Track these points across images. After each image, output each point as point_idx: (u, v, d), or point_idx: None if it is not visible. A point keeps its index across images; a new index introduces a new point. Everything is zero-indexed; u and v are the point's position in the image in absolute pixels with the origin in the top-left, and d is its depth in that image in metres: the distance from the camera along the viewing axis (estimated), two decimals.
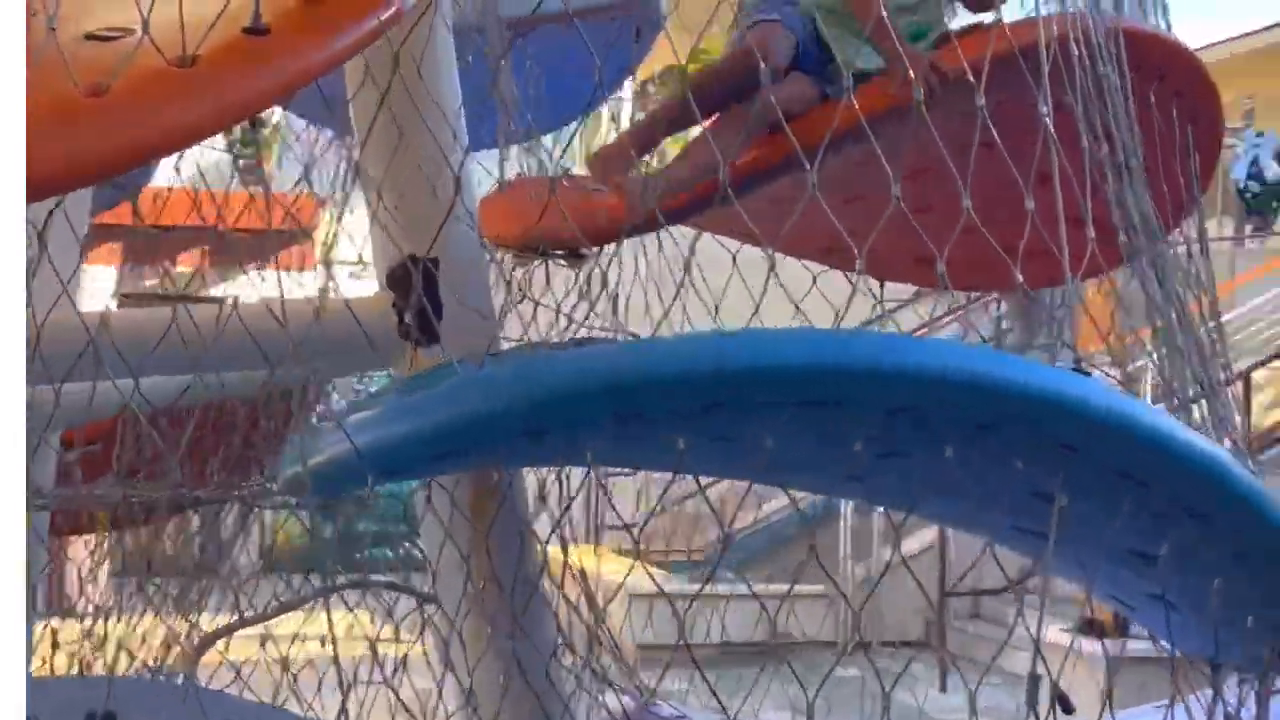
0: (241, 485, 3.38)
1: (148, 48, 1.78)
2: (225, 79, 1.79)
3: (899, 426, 1.89)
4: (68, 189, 1.91)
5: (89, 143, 1.71)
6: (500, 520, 2.83)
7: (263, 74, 1.82)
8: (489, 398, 1.89)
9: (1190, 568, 2.13)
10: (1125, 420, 1.94)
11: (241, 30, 1.84)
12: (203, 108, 1.77)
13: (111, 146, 1.72)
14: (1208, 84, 3.22)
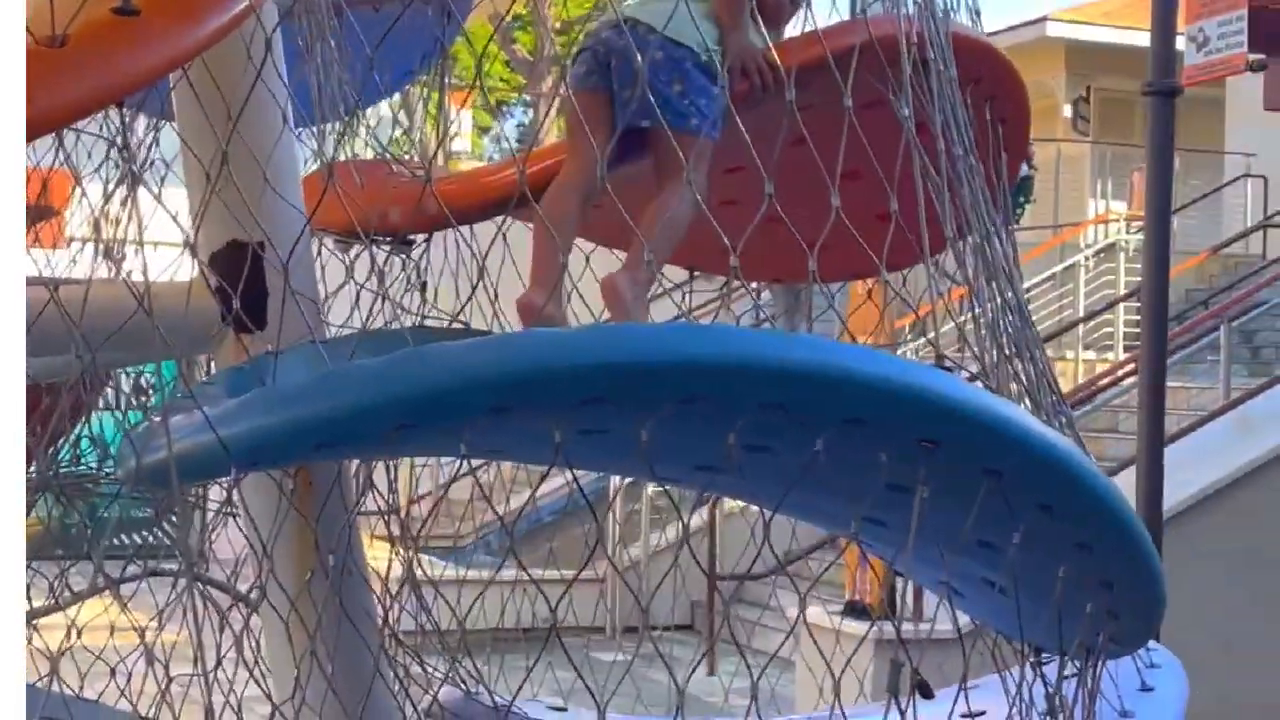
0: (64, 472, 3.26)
1: None
2: (98, 61, 1.74)
3: (770, 421, 1.93)
4: None
5: None
6: (328, 510, 2.80)
7: (135, 56, 1.77)
8: (369, 390, 1.87)
9: (1033, 557, 2.21)
10: (990, 416, 2.01)
11: (111, 10, 1.79)
12: (76, 90, 1.71)
13: None
14: (1019, 87, 3.33)
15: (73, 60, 1.71)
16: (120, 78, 1.75)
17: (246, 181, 2.79)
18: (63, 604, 3.65)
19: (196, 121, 2.81)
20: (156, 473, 2.04)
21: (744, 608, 11.32)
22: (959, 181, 2.67)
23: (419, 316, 3.07)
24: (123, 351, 2.79)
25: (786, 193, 2.51)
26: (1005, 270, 2.90)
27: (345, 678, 2.80)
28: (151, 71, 1.80)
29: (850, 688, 3.22)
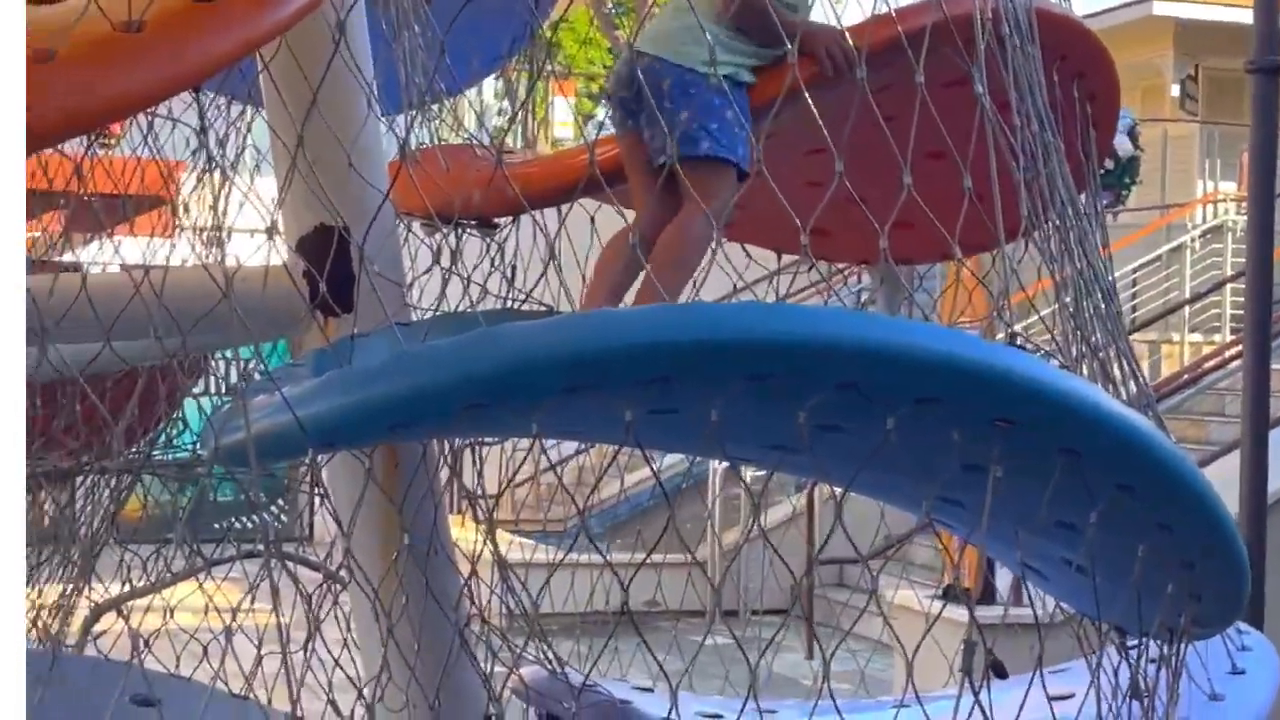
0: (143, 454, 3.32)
1: (94, 11, 1.75)
2: (174, 45, 1.77)
3: (843, 400, 1.92)
4: None
5: (41, 108, 1.67)
6: (414, 489, 2.83)
7: (211, 40, 1.80)
8: (442, 369, 1.89)
9: (1112, 537, 2.19)
10: (1063, 395, 1.99)
11: None
12: (152, 74, 1.74)
13: (61, 113, 1.69)
14: (1108, 65, 3.29)
15: (149, 45, 1.74)
16: (195, 63, 1.78)
17: (331, 166, 2.82)
18: (159, 585, 3.73)
19: (282, 107, 2.84)
20: (235, 453, 2.07)
21: (842, 592, 11.29)
22: (1038, 159, 2.64)
23: (504, 300, 3.10)
24: (216, 335, 2.84)
25: (873, 173, 2.50)
26: (1088, 250, 2.87)
27: (430, 657, 2.84)
28: (226, 56, 1.83)
29: (942, 671, 3.22)
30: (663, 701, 3.10)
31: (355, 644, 3.15)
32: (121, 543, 3.88)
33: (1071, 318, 2.82)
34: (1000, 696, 2.33)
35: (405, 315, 2.98)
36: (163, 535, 3.92)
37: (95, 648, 3.59)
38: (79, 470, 3.42)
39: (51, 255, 4.21)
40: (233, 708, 2.73)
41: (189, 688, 2.94)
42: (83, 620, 3.78)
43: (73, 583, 3.67)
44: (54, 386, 3.52)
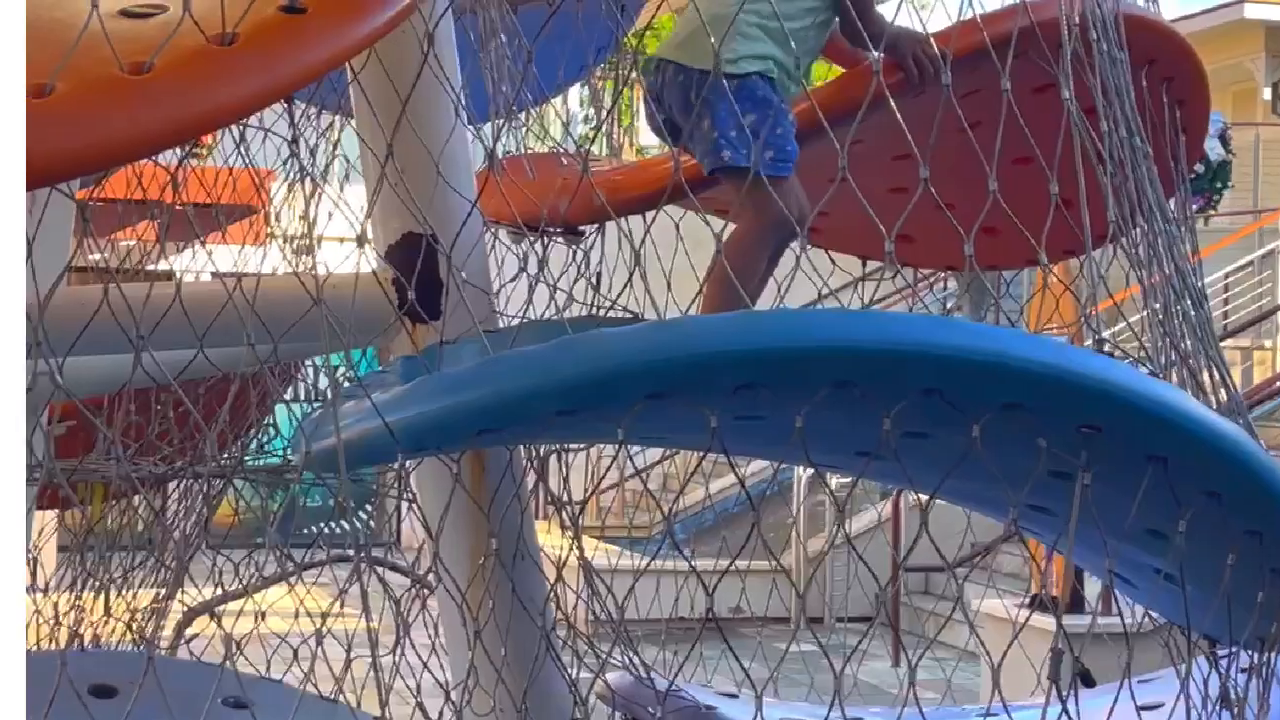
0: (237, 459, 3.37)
1: (188, 25, 1.78)
2: (267, 57, 1.79)
3: (928, 406, 1.92)
4: (110, 166, 1.90)
5: (136, 122, 1.71)
6: (501, 494, 2.86)
7: (303, 53, 1.82)
8: (530, 375, 1.91)
9: (1202, 545, 2.17)
10: (1150, 401, 1.98)
11: (278, 8, 1.85)
12: (245, 86, 1.77)
13: (158, 125, 1.72)
14: (1197, 69, 3.27)
15: (240, 58, 1.76)
16: (287, 74, 1.80)
17: (420, 175, 2.86)
18: (250, 589, 3.78)
19: (371, 117, 2.88)
20: (326, 458, 2.10)
21: (928, 600, 11.24)
22: (1126, 164, 2.63)
23: (590, 307, 3.12)
24: (306, 342, 2.88)
25: (957, 179, 2.50)
26: (1178, 255, 2.84)
27: (517, 662, 2.86)
28: (317, 67, 1.85)
29: (1030, 680, 3.20)
30: (747, 708, 3.10)
31: (443, 649, 3.18)
32: (213, 547, 3.93)
33: (1160, 324, 2.80)
34: (1088, 706, 2.32)
35: (492, 322, 3.01)
36: (254, 540, 3.97)
37: (188, 650, 3.64)
38: (173, 475, 3.47)
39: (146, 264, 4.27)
40: (323, 711, 2.76)
41: (280, 691, 2.97)
42: (176, 623, 3.84)
43: (166, 586, 3.72)
44: (148, 393, 3.58)
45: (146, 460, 3.43)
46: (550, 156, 3.53)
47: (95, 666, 2.89)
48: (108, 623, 3.68)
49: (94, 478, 3.35)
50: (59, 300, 2.51)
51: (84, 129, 1.68)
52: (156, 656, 3.22)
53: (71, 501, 3.71)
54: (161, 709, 2.17)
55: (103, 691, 2.71)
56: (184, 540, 3.93)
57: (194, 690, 2.50)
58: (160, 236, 3.51)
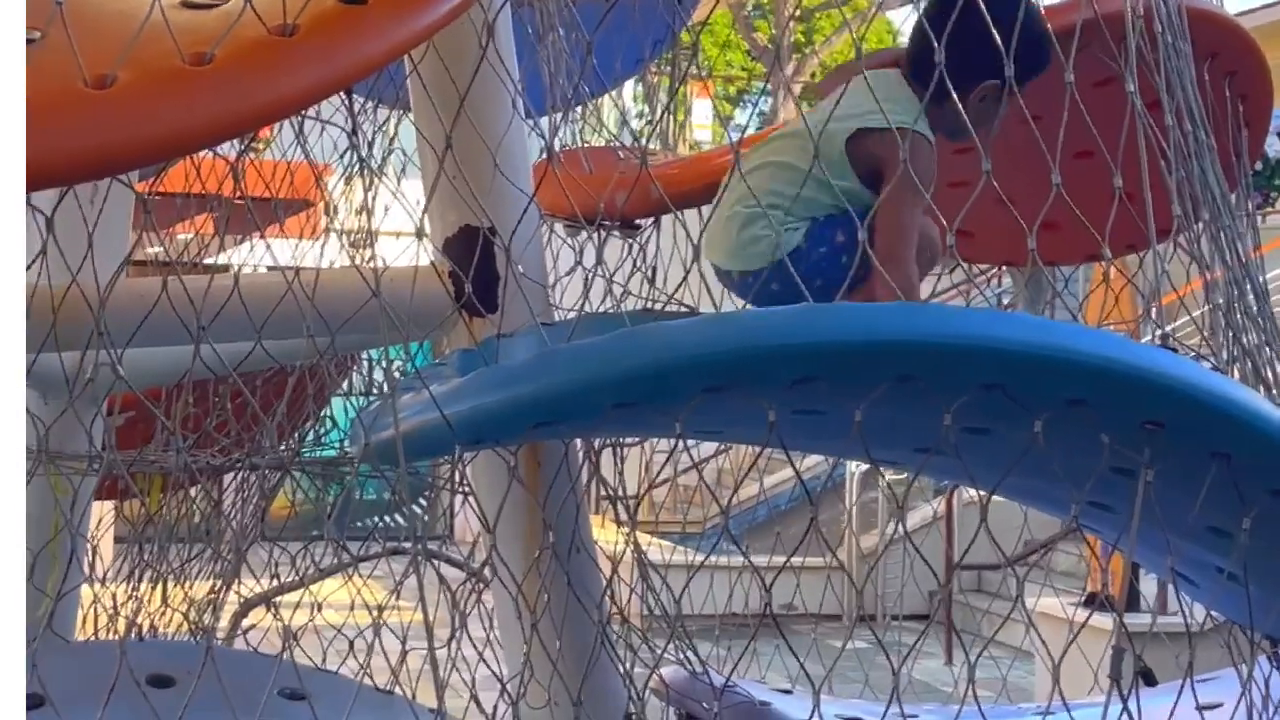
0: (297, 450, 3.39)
1: (248, 16, 1.78)
2: (326, 48, 1.79)
3: (989, 402, 1.91)
4: (170, 157, 1.91)
5: (197, 113, 1.71)
6: (556, 487, 2.86)
7: (364, 43, 1.82)
8: (588, 368, 1.90)
9: (1266, 543, 2.14)
10: (1215, 397, 1.96)
11: (339, 0, 1.85)
12: (308, 78, 1.77)
13: (218, 116, 1.72)
14: (1261, 63, 3.23)
15: (301, 49, 1.77)
16: (346, 66, 1.80)
17: (477, 168, 2.86)
18: (306, 581, 3.79)
19: (429, 110, 2.88)
20: (384, 450, 2.11)
21: (982, 598, 11.18)
22: (1189, 159, 2.60)
23: (646, 300, 3.11)
24: (363, 335, 2.88)
25: (1018, 173, 2.48)
26: (1241, 250, 2.81)
27: (572, 655, 2.86)
28: (377, 59, 1.85)
29: (1086, 679, 3.17)
30: (802, 704, 3.09)
31: (498, 642, 3.18)
32: (270, 539, 3.95)
33: (1224, 319, 2.77)
34: (1147, 705, 2.29)
35: (549, 316, 3.01)
36: (310, 532, 3.99)
37: (245, 641, 3.66)
38: (230, 467, 3.49)
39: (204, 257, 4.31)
40: (379, 703, 2.76)
41: (336, 682, 2.98)
42: (233, 614, 3.86)
43: (223, 577, 3.74)
44: (207, 385, 3.60)
45: (204, 452, 3.45)
46: (607, 150, 3.53)
47: (153, 656, 2.91)
48: (165, 613, 3.70)
49: (153, 469, 3.37)
50: (119, 292, 2.53)
51: (145, 120, 1.68)
52: (214, 647, 3.25)
53: (131, 492, 3.73)
54: (219, 699, 2.18)
55: (161, 681, 2.73)
56: (241, 532, 3.96)
57: (251, 681, 2.51)
58: (220, 229, 3.53)
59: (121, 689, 2.17)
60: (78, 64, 1.69)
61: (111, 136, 1.66)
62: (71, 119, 1.66)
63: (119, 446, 3.64)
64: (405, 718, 2.71)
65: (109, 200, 2.90)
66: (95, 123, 1.68)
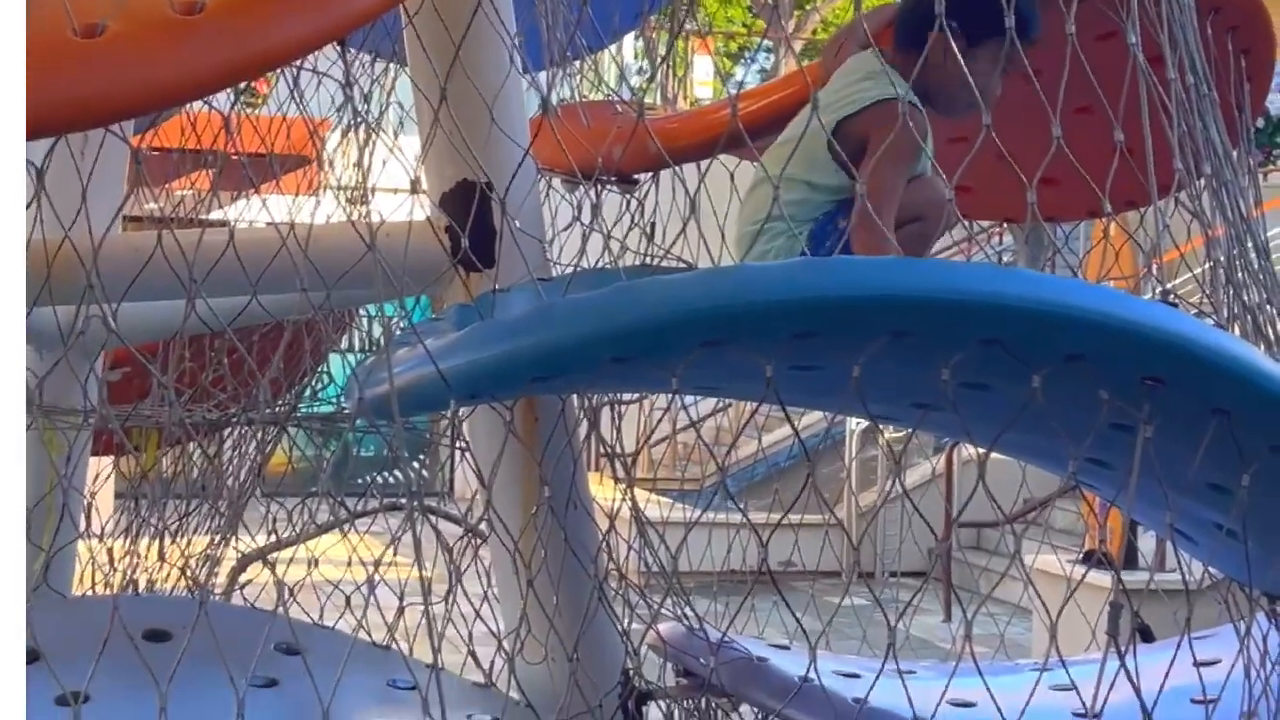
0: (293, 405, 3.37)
1: None
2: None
3: (988, 357, 1.90)
4: (161, 108, 1.89)
5: (188, 63, 1.68)
6: (553, 443, 2.85)
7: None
8: (584, 323, 1.89)
9: (1265, 500, 2.14)
10: (1214, 353, 1.94)
11: None
12: (301, 26, 1.74)
13: (210, 66, 1.69)
14: (1263, 17, 3.21)
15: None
16: (339, 16, 1.78)
17: (474, 122, 2.84)
18: (303, 537, 3.79)
19: (425, 63, 2.86)
20: (379, 405, 2.09)
21: (980, 555, 11.20)
22: (1191, 114, 2.58)
23: (644, 256, 3.10)
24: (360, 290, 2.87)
25: (1018, 129, 2.46)
26: (1242, 206, 2.80)
27: (569, 611, 2.86)
28: (370, 9, 1.83)
29: (1084, 636, 3.18)
30: (799, 659, 3.09)
31: (495, 598, 3.18)
32: (268, 495, 3.95)
33: (1225, 275, 2.76)
34: (1144, 660, 2.29)
35: (546, 271, 2.99)
36: (307, 489, 3.98)
37: (242, 597, 3.66)
38: (226, 422, 3.48)
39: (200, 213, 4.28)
40: (375, 658, 2.76)
41: (332, 637, 2.98)
42: (230, 570, 3.86)
43: (220, 533, 3.74)
44: (203, 340, 3.59)
45: (200, 407, 3.44)
46: (605, 104, 3.51)
47: (150, 611, 2.91)
48: (162, 569, 3.70)
49: (148, 423, 3.36)
50: (114, 246, 2.52)
51: (136, 70, 1.66)
52: (210, 602, 3.24)
53: (125, 447, 3.72)
54: (214, 653, 2.18)
55: (157, 636, 2.72)
56: (238, 487, 3.95)
57: (247, 636, 2.50)
58: (214, 184, 3.51)
59: (118, 644, 2.16)
60: (67, 13, 1.67)
61: (102, 86, 1.65)
62: (61, 69, 1.64)
63: (117, 402, 3.63)
64: (401, 672, 2.70)
65: (104, 155, 2.88)
66: (85, 73, 1.66)
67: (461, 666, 3.04)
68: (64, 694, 2.20)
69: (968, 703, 2.86)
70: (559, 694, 2.67)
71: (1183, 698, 2.63)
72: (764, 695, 2.97)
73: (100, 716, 2.37)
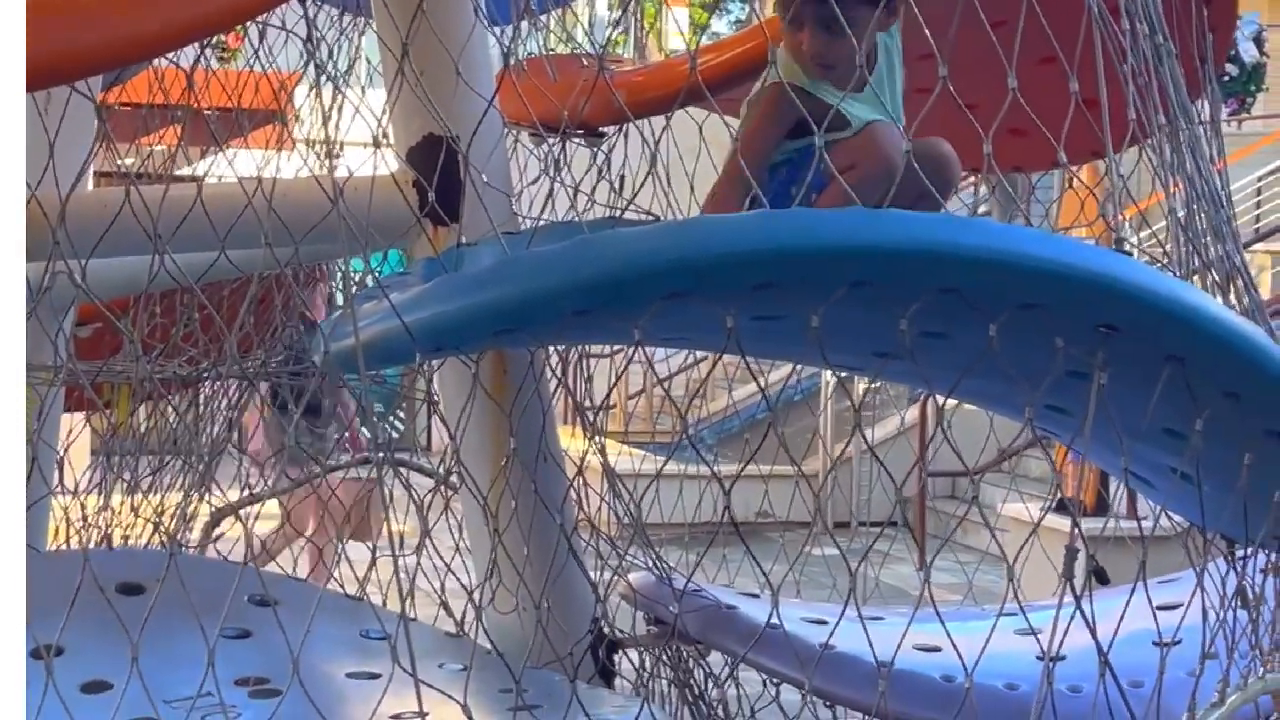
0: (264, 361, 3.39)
1: None
2: None
3: (946, 306, 1.92)
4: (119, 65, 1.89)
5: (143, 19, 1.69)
6: (523, 396, 2.87)
7: None
8: (546, 275, 1.91)
9: (1219, 445, 2.17)
10: (1167, 300, 1.97)
11: None
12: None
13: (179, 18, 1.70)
14: None
15: None
16: None
17: (438, 76, 2.84)
18: (276, 491, 3.81)
19: (390, 18, 2.86)
20: (345, 358, 2.11)
21: (953, 504, 11.26)
22: (1148, 64, 2.60)
23: (612, 209, 3.11)
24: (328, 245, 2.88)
25: (986, 80, 2.47)
26: (1199, 157, 2.81)
27: (539, 562, 2.89)
28: None
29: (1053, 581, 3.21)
30: (768, 608, 3.13)
31: (468, 550, 3.21)
32: (240, 450, 3.97)
33: (1182, 228, 2.78)
34: (1107, 606, 2.33)
35: (513, 225, 3.00)
36: None
37: (216, 551, 3.68)
38: (197, 377, 3.49)
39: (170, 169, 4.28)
40: (346, 609, 2.79)
41: (303, 589, 3.01)
42: (204, 524, 3.88)
43: (194, 488, 3.76)
44: (174, 295, 3.60)
45: (171, 362, 3.45)
46: (572, 58, 3.51)
47: (123, 565, 2.93)
48: (136, 525, 3.72)
49: (119, 379, 3.37)
50: (82, 203, 2.52)
51: (102, 25, 1.67)
52: (184, 556, 3.27)
53: (94, 404, 3.73)
54: (187, 606, 2.20)
55: (131, 589, 2.74)
56: (210, 443, 3.97)
57: (219, 588, 2.52)
58: (180, 140, 3.50)
59: (94, 598, 2.19)
60: None
61: (58, 45, 1.65)
62: (29, 25, 1.64)
63: (89, 358, 3.64)
64: (373, 623, 2.73)
65: (71, 111, 2.88)
66: (52, 28, 1.67)
67: (435, 618, 3.07)
68: (37, 647, 2.22)
69: (933, 647, 2.91)
70: (530, 643, 2.70)
71: (1144, 640, 2.67)
72: (731, 642, 3.00)
73: (75, 669, 2.40)
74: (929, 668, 2.96)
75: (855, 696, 2.89)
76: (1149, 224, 2.77)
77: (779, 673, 3.04)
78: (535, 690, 2.50)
